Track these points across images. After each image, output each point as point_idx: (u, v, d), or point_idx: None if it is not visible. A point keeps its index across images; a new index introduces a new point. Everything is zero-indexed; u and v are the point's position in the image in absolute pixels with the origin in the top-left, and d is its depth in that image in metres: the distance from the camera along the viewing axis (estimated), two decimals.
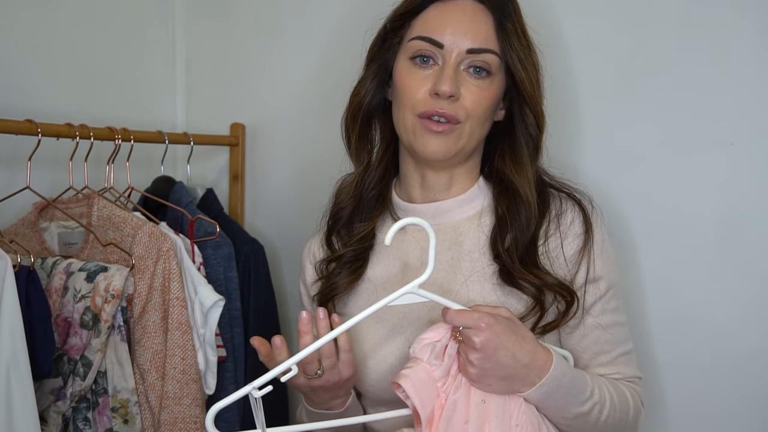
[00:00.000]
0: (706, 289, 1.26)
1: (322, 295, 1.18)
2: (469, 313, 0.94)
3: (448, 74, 1.04)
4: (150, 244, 1.27)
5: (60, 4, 1.53)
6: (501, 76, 1.08)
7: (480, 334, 0.92)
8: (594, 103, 1.33)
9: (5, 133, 1.21)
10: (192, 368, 1.25)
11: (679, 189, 1.27)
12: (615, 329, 1.10)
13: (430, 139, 1.06)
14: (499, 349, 0.93)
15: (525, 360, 0.94)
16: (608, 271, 1.10)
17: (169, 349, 1.24)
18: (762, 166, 1.21)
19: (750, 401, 1.24)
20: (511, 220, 1.09)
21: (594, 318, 1.08)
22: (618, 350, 1.10)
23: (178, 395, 1.23)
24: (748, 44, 1.21)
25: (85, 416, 1.22)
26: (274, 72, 1.71)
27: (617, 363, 1.09)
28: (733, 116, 1.22)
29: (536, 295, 1.05)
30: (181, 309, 1.25)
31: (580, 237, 1.08)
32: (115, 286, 1.21)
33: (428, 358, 0.95)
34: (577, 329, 1.08)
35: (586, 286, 1.08)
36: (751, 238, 1.23)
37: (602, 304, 1.09)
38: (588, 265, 1.08)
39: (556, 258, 1.08)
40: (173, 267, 1.26)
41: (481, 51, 1.05)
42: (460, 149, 1.08)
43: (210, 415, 0.90)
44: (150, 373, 1.24)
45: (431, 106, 1.05)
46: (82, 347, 1.21)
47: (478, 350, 0.92)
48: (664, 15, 1.26)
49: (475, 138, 1.08)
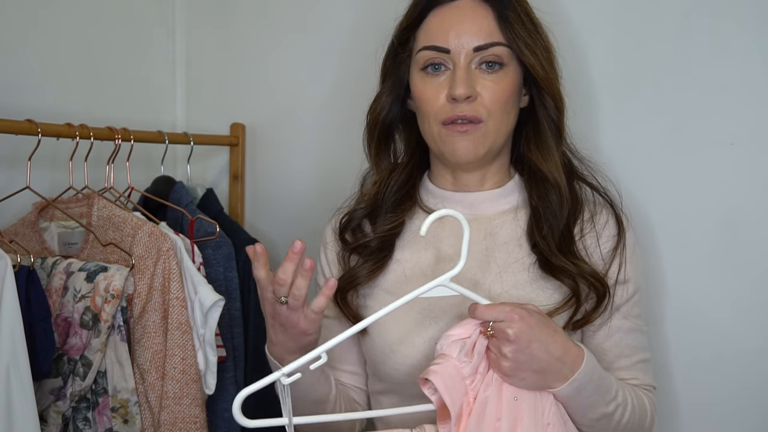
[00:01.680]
0: (707, 289, 1.26)
1: (343, 283, 1.15)
2: (501, 306, 0.93)
3: (460, 77, 1.04)
4: (150, 244, 1.26)
5: (60, 5, 1.53)
6: (515, 65, 1.08)
7: (513, 325, 0.91)
8: (594, 103, 1.33)
9: (5, 133, 1.21)
10: (192, 368, 1.25)
11: (679, 189, 1.27)
12: (636, 335, 1.11)
13: (457, 142, 1.06)
14: (533, 341, 0.92)
15: (558, 353, 0.93)
16: (636, 276, 1.11)
17: (169, 349, 1.24)
18: (762, 166, 1.21)
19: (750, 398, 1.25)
20: (544, 207, 1.09)
21: (619, 320, 1.09)
22: (638, 356, 1.10)
23: (178, 395, 1.23)
24: (748, 44, 1.21)
25: (85, 416, 1.22)
26: (274, 72, 1.71)
27: (636, 369, 1.10)
28: (733, 116, 1.22)
29: (573, 285, 1.05)
30: (181, 309, 1.25)
31: (614, 238, 1.10)
32: (115, 286, 1.20)
33: (458, 354, 0.94)
34: (602, 328, 1.08)
35: (616, 285, 1.08)
36: (751, 239, 1.23)
37: (628, 307, 1.10)
38: (620, 266, 1.09)
39: (593, 254, 1.09)
40: (173, 267, 1.25)
41: (487, 46, 1.05)
42: (489, 148, 1.08)
43: (237, 401, 0.88)
44: (150, 373, 1.24)
45: (452, 111, 1.05)
46: (82, 347, 1.20)
47: (513, 342, 0.91)
48: (664, 15, 1.26)
49: (502, 133, 1.09)
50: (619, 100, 1.31)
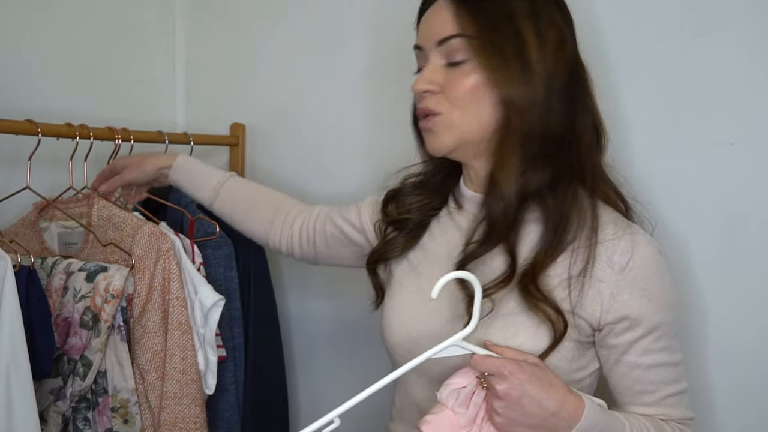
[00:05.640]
0: (706, 289, 1.26)
1: (375, 255, 1.19)
2: (492, 360, 0.93)
3: (422, 74, 1.06)
4: (150, 243, 1.26)
5: (60, 4, 1.53)
6: (479, 60, 1.02)
7: (502, 382, 0.91)
8: None
9: (5, 133, 1.21)
10: (192, 368, 1.25)
11: (678, 189, 1.27)
12: (661, 369, 1.03)
13: (427, 138, 1.09)
14: (524, 398, 0.91)
15: (553, 408, 0.92)
16: (652, 310, 1.01)
17: (169, 349, 1.24)
18: (762, 166, 1.21)
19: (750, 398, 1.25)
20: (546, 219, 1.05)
21: (636, 356, 1.02)
22: (664, 391, 1.03)
23: (178, 395, 1.23)
24: (748, 44, 1.21)
25: (85, 416, 1.22)
26: (274, 72, 1.71)
27: (663, 404, 1.04)
28: (733, 116, 1.22)
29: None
30: (181, 309, 1.25)
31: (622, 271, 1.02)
32: (115, 286, 1.21)
33: (453, 405, 0.94)
34: (617, 367, 1.04)
35: (622, 322, 1.02)
36: (751, 239, 1.23)
37: (646, 343, 1.02)
38: (625, 303, 1.01)
39: (598, 283, 1.02)
40: (173, 267, 1.26)
41: (445, 39, 1.04)
42: (460, 139, 1.05)
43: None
44: (150, 373, 1.24)
45: (419, 106, 1.08)
46: (82, 347, 1.20)
47: (501, 398, 0.91)
48: (664, 14, 1.26)
49: (474, 123, 1.04)
50: (619, 99, 1.31)
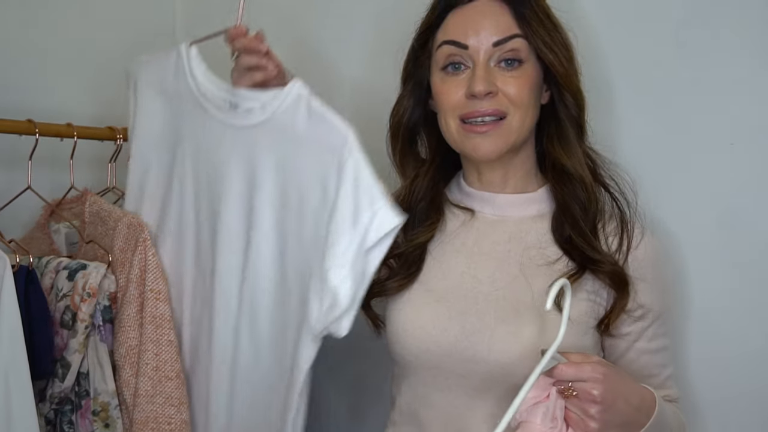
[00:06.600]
0: (706, 289, 1.26)
1: (370, 292, 1.13)
2: (581, 366, 0.91)
3: (479, 74, 1.04)
4: (129, 235, 1.20)
5: (61, 4, 1.53)
6: (533, 61, 1.07)
7: (598, 386, 0.90)
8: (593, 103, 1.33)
9: (5, 133, 1.21)
10: (167, 364, 1.16)
11: (678, 189, 1.27)
12: (663, 353, 1.11)
13: (479, 142, 1.06)
14: (618, 398, 0.91)
15: (636, 402, 0.94)
16: (658, 298, 1.10)
17: (143, 344, 1.16)
18: (762, 166, 1.21)
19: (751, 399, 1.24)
20: (571, 201, 1.08)
21: (645, 342, 1.08)
22: (666, 373, 1.11)
23: (150, 393, 1.14)
24: (748, 44, 1.20)
25: (69, 419, 1.18)
26: None
27: (665, 386, 1.10)
28: (733, 116, 1.22)
29: (608, 280, 1.04)
30: (156, 302, 1.17)
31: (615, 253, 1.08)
32: (91, 284, 1.16)
33: (542, 420, 0.91)
34: (627, 354, 1.08)
35: (638, 310, 1.08)
36: (751, 239, 1.22)
37: (654, 329, 1.09)
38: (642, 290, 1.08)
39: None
40: (149, 257, 1.17)
41: (506, 39, 1.05)
42: (512, 144, 1.07)
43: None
44: (124, 369, 1.16)
45: (471, 108, 1.05)
46: (62, 347, 1.16)
47: (599, 403, 0.90)
48: (664, 15, 1.26)
49: (525, 128, 1.08)
50: (618, 100, 1.31)
